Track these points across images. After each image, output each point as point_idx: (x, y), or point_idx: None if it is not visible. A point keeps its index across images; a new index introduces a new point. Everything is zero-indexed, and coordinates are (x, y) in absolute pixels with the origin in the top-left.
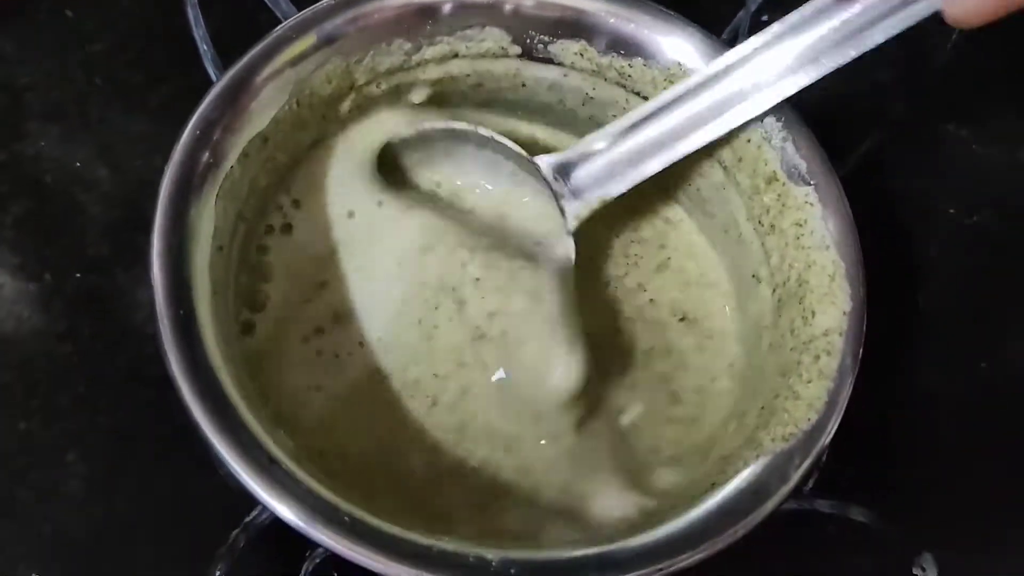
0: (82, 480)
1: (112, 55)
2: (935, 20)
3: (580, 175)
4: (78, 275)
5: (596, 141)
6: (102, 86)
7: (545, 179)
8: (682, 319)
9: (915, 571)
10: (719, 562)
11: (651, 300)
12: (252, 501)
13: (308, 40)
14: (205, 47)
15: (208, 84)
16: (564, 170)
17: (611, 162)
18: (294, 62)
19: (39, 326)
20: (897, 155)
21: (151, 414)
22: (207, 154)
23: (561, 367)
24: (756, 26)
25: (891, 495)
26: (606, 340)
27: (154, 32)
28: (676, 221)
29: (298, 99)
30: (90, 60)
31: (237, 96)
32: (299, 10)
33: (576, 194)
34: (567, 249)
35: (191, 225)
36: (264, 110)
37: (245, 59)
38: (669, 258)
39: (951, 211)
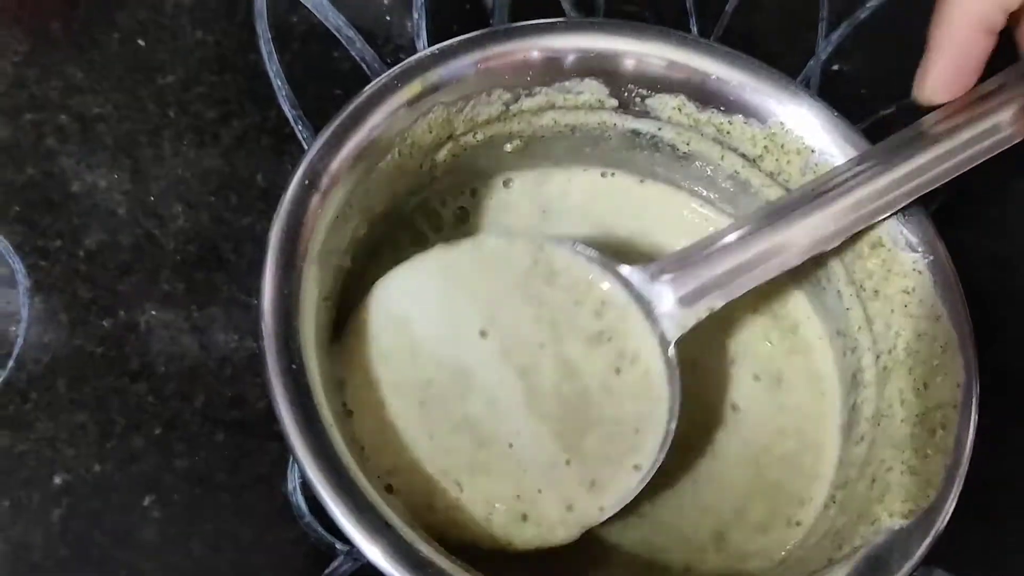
0: (158, 525)
1: (184, 87)
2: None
3: (683, 284)
4: (153, 312)
5: (719, 240)
6: (175, 119)
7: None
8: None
9: None
10: None
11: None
12: (332, 552)
13: (413, 89)
14: (279, 83)
15: (282, 121)
16: (658, 277)
17: (738, 265)
18: (399, 111)
19: (112, 364)
20: (967, 211)
21: (228, 458)
22: (314, 204)
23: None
24: (826, 74)
25: (975, 558)
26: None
27: (227, 66)
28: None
29: (400, 149)
30: (162, 92)
31: (343, 145)
32: (373, 48)
33: (685, 303)
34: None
35: (299, 276)
36: (368, 159)
37: (351, 107)
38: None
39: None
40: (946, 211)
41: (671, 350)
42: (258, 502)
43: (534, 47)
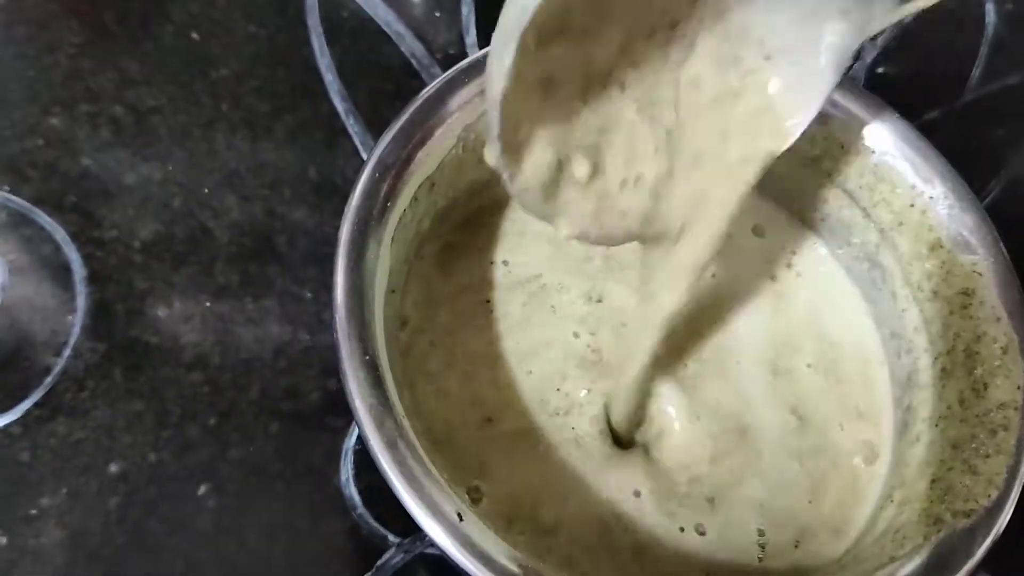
0: (213, 514)
1: (238, 81)
2: None
3: None
4: (208, 303)
5: None
6: (228, 112)
7: None
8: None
9: None
10: None
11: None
12: (384, 544)
13: (479, 84)
14: (330, 77)
15: (333, 115)
16: None
17: None
18: (464, 106)
19: (168, 355)
20: (1013, 214)
21: (282, 449)
22: (383, 197)
23: None
24: (872, 78)
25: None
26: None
27: (279, 60)
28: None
29: (464, 143)
30: (215, 85)
31: (411, 139)
32: (422, 44)
33: None
34: None
35: (370, 268)
36: (434, 154)
37: (419, 101)
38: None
39: None
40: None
41: None
42: (311, 493)
43: None
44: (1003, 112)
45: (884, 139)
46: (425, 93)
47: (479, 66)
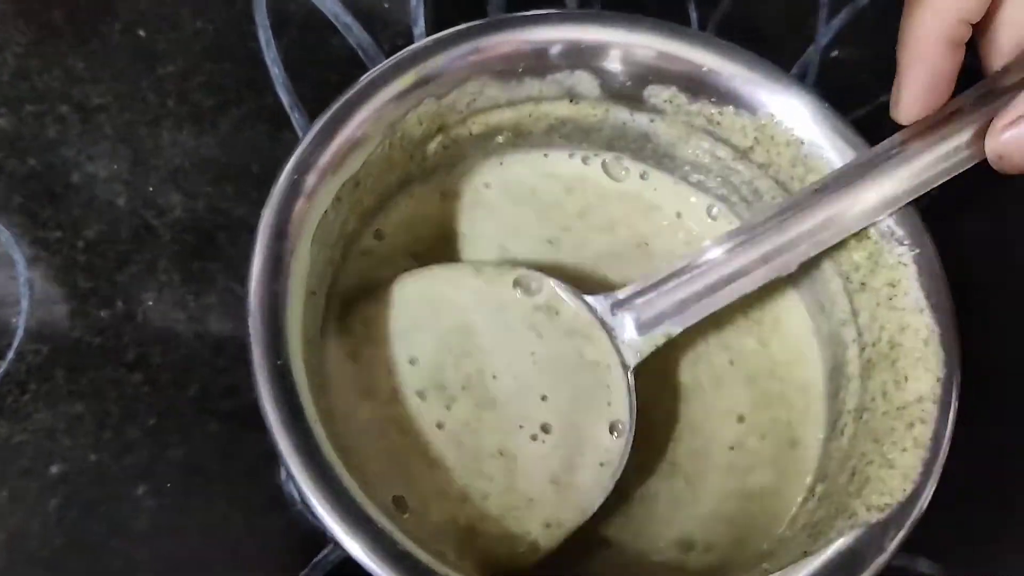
0: (151, 514)
1: (184, 77)
2: None
3: (643, 311)
4: (150, 303)
5: (674, 269)
6: (174, 108)
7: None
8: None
9: None
10: None
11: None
12: (322, 540)
13: (406, 80)
14: (276, 71)
15: (279, 108)
16: (624, 305)
17: (692, 293)
18: (390, 103)
19: (109, 354)
20: (968, 195)
21: (222, 448)
22: (303, 198)
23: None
24: (826, 61)
25: (959, 547)
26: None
27: (225, 54)
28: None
29: (391, 141)
30: (162, 81)
31: (332, 139)
32: (370, 35)
33: (641, 330)
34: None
35: (287, 270)
36: (358, 153)
37: (342, 100)
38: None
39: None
40: (945, 198)
41: (630, 375)
42: (250, 491)
43: (525, 39)
44: (959, 92)
45: (814, 129)
46: (348, 92)
47: (404, 64)
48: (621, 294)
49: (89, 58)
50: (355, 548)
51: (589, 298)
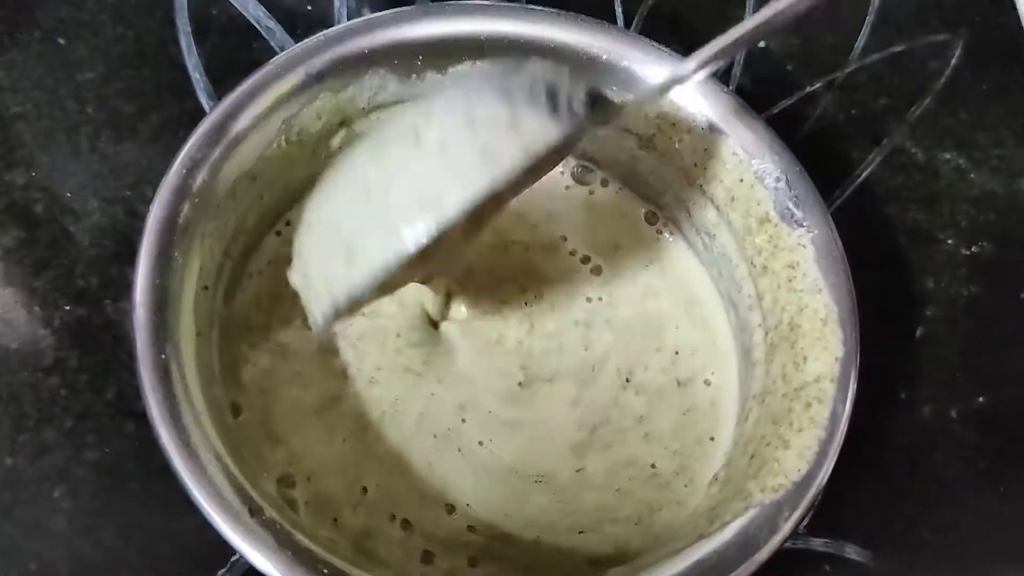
0: (68, 516)
1: (104, 84)
2: (932, 47)
3: None
4: (67, 307)
5: None
6: (93, 115)
7: None
8: (676, 352)
9: None
10: None
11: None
12: None
13: (296, 77)
14: (197, 75)
15: (200, 113)
16: None
17: None
18: (282, 100)
19: (27, 359)
20: (893, 184)
21: (138, 449)
22: (193, 193)
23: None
24: (752, 54)
25: (886, 532)
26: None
27: (146, 60)
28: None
29: (287, 136)
30: (81, 89)
31: (223, 134)
32: (293, 39)
33: None
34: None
35: (176, 264)
36: (252, 148)
37: (231, 97)
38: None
39: (949, 241)
40: (873, 184)
41: None
42: (165, 491)
43: (419, 32)
44: (886, 82)
45: (714, 115)
46: (238, 88)
47: (295, 59)
48: None
49: (8, 67)
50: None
51: None
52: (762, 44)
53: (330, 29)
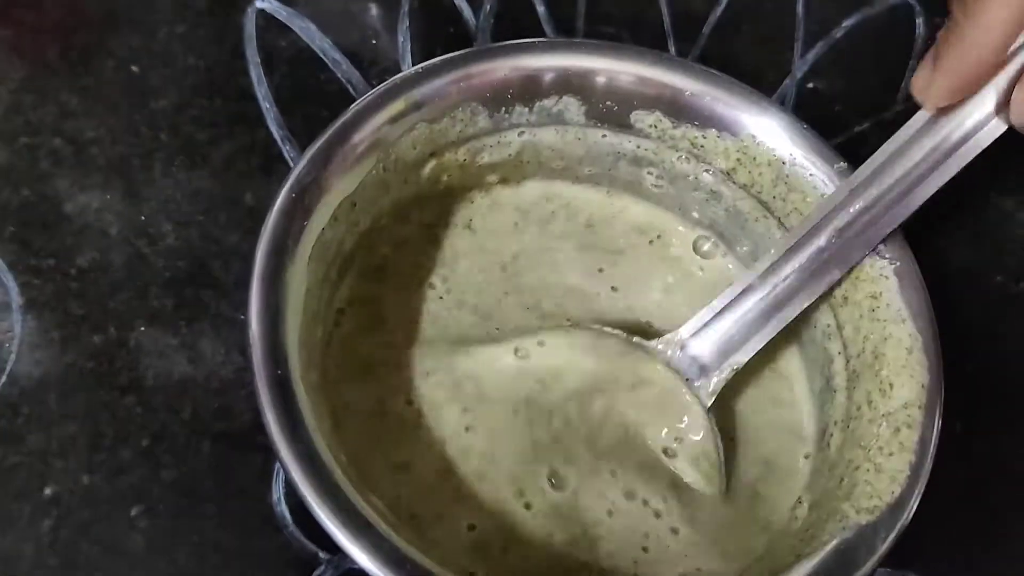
0: (145, 535)
1: (176, 111)
2: None
3: (705, 348)
4: (142, 328)
5: (722, 303)
6: (167, 141)
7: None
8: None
9: None
10: None
11: None
12: (315, 561)
13: (397, 106)
14: (267, 105)
15: (271, 142)
16: (684, 346)
17: (743, 323)
18: (384, 127)
19: (103, 378)
20: (942, 224)
21: (214, 469)
22: (300, 216)
23: None
24: (802, 93)
25: (946, 561)
26: None
27: (217, 89)
28: None
29: (384, 164)
30: (154, 116)
31: (330, 160)
32: (359, 71)
33: (705, 371)
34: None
35: (286, 286)
36: (353, 174)
37: (338, 124)
38: None
39: (998, 279)
40: (926, 220)
41: (711, 417)
42: (243, 512)
43: (513, 66)
44: None
45: (794, 150)
46: (343, 116)
47: (396, 89)
48: (684, 332)
49: (82, 94)
50: (358, 553)
51: (653, 343)
52: (811, 85)
53: (427, 62)
